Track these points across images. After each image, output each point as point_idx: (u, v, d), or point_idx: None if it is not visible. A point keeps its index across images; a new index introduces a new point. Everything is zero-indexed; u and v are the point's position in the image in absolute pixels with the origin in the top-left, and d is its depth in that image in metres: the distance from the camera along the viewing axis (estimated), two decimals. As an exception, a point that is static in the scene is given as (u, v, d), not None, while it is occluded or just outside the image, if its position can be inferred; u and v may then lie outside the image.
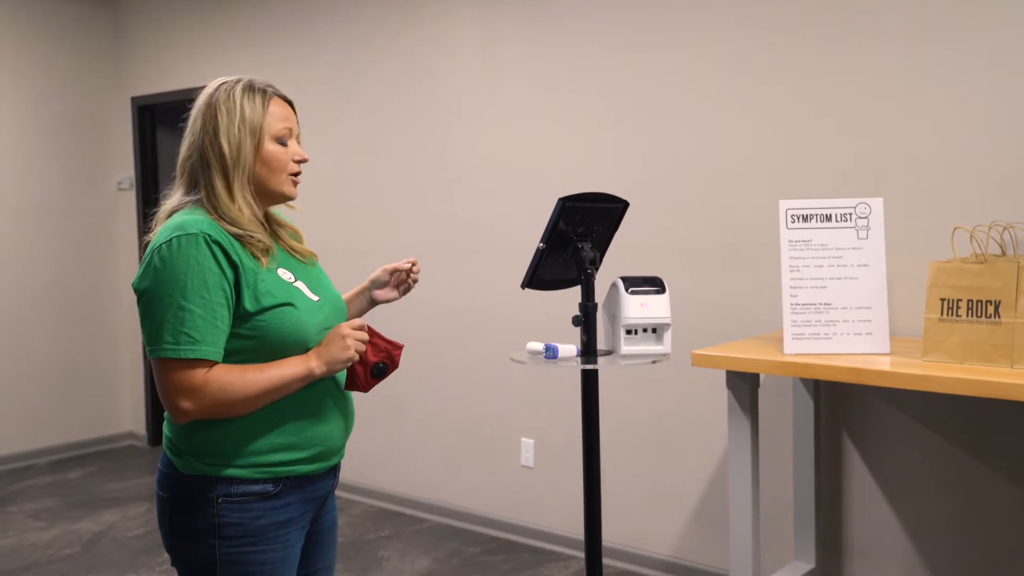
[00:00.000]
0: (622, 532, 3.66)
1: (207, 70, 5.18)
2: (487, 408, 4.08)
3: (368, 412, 4.56)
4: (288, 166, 1.75)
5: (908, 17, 2.87)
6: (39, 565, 3.85)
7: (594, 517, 2.17)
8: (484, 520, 4.11)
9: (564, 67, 3.70)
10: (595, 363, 2.16)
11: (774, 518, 3.24)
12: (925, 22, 2.84)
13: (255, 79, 1.80)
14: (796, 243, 2.62)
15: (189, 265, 1.60)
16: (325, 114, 4.61)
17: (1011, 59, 2.71)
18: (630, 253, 3.53)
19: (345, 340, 1.69)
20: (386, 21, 4.30)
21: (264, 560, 1.71)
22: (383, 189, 4.41)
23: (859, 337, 2.58)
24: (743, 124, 3.24)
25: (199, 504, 1.69)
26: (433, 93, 4.16)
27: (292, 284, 1.76)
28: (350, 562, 3.79)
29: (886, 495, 3.01)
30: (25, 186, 5.42)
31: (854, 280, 2.60)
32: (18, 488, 4.99)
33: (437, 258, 4.20)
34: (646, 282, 2.21)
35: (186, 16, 5.31)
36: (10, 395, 5.39)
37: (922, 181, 2.88)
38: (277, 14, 4.78)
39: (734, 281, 3.29)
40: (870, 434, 3.02)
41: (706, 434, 3.40)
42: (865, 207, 2.61)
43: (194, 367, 1.61)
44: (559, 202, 2.11)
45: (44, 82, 5.48)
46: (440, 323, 4.21)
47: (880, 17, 2.92)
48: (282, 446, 1.71)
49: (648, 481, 3.58)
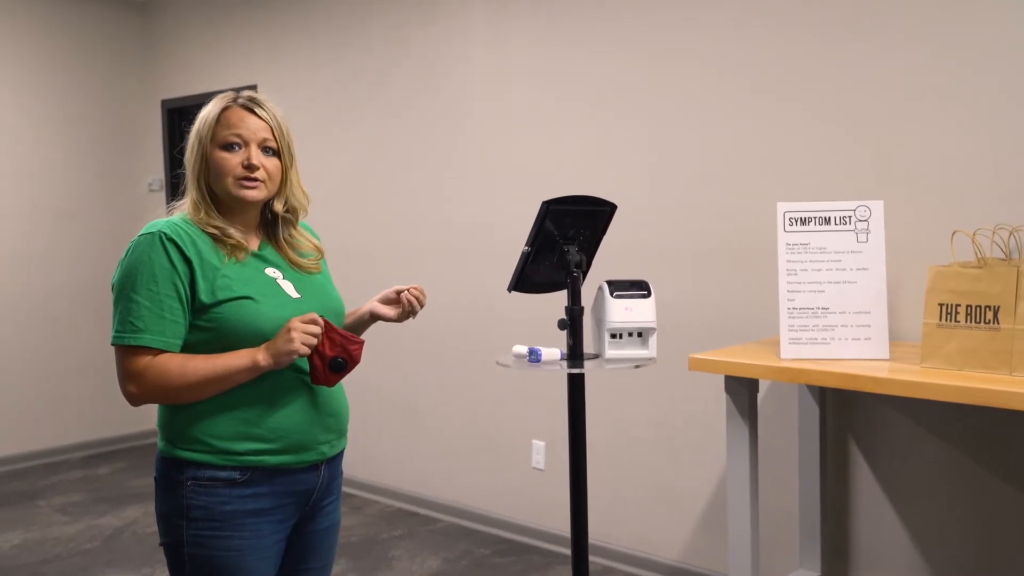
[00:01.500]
0: (629, 536, 3.64)
1: (233, 74, 5.27)
2: (499, 410, 4.09)
3: (384, 412, 4.60)
4: (233, 170, 1.81)
5: (909, 18, 2.82)
6: (60, 559, 3.94)
7: (580, 518, 2.17)
8: (495, 521, 4.11)
9: (570, 68, 3.69)
10: (581, 367, 2.16)
11: (779, 525, 3.20)
12: (927, 22, 2.79)
13: (242, 92, 1.86)
14: (794, 246, 2.58)
15: (142, 261, 1.72)
16: (346, 116, 4.66)
17: (1015, 60, 2.64)
18: (632, 255, 3.52)
19: (290, 333, 1.72)
20: (405, 24, 4.33)
21: (229, 546, 1.76)
22: (400, 191, 4.44)
23: (858, 342, 2.54)
24: (745, 126, 3.20)
25: (172, 485, 1.78)
26: (446, 95, 4.17)
27: (274, 280, 1.85)
28: (360, 561, 3.82)
29: (893, 502, 2.95)
30: (59, 187, 5.55)
31: (853, 284, 2.56)
32: (49, 483, 5.11)
33: (451, 259, 4.21)
34: (632, 286, 2.20)
35: (214, 22, 5.40)
36: (44, 391, 5.53)
37: (924, 183, 2.82)
38: (301, 20, 4.84)
39: (738, 284, 3.25)
40: (877, 440, 2.97)
41: (714, 438, 3.36)
42: (865, 210, 2.57)
43: (137, 354, 1.71)
44: (543, 205, 2.12)
45: (77, 86, 5.61)
46: (454, 325, 4.22)
47: (881, 18, 2.87)
48: (245, 435, 1.76)
49: (655, 485, 3.56)
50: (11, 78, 5.38)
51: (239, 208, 1.85)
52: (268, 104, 1.86)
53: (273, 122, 1.84)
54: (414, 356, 4.43)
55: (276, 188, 1.87)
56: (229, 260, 1.80)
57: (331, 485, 1.93)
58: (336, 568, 3.74)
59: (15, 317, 5.41)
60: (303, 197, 1.92)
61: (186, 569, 1.77)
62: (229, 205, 1.84)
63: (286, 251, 1.92)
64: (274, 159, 1.85)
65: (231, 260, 1.80)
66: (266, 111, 1.84)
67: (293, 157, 1.89)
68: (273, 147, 1.85)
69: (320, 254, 2.00)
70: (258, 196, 1.84)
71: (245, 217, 1.87)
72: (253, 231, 1.90)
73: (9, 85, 5.37)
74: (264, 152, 1.83)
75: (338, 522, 2.00)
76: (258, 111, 1.83)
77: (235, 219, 1.85)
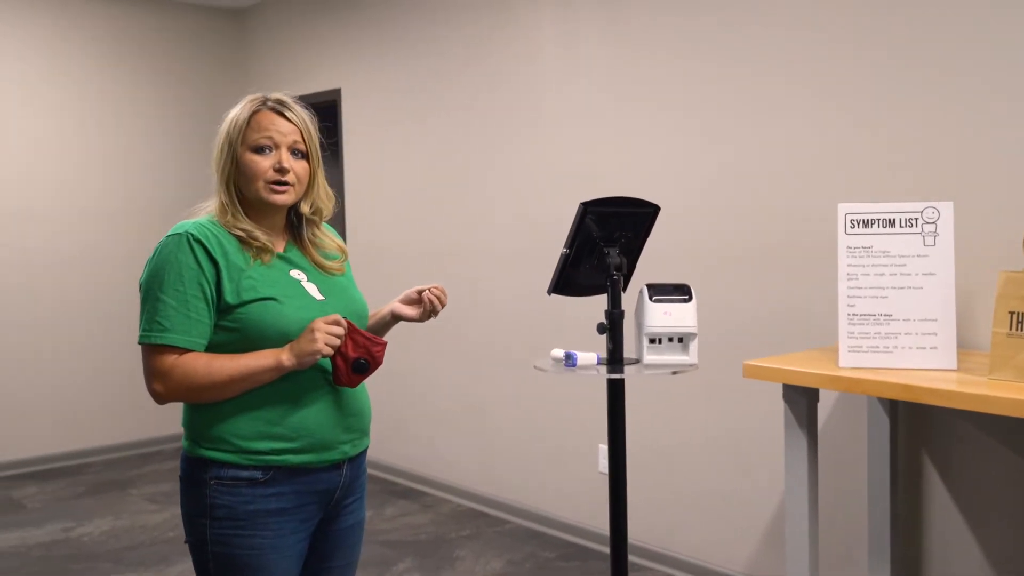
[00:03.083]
0: (696, 546, 3.55)
1: (317, 77, 5.40)
2: (566, 413, 4.05)
3: (455, 413, 4.62)
4: (264, 174, 1.82)
5: (979, 13, 2.65)
6: (143, 546, 4.11)
7: (619, 519, 2.12)
8: (562, 525, 4.08)
9: (634, 68, 3.62)
10: (619, 372, 2.11)
11: (848, 541, 3.06)
12: (1000, 18, 2.61)
13: (270, 94, 1.88)
14: (855, 249, 2.46)
15: (169, 262, 1.75)
16: (420, 118, 4.70)
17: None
18: (691, 259, 3.45)
19: (314, 333, 1.73)
20: (477, 23, 4.34)
21: (252, 545, 1.78)
22: (473, 191, 4.45)
23: (923, 351, 2.40)
24: (805, 124, 3.08)
25: (196, 484, 1.80)
26: (516, 96, 4.16)
27: (299, 282, 1.87)
28: (425, 559, 3.85)
29: (969, 522, 2.79)
30: (157, 189, 5.79)
31: (919, 290, 2.42)
32: (142, 472, 5.34)
33: (521, 260, 4.20)
34: (674, 290, 2.14)
35: (301, 30, 5.54)
36: (142, 384, 5.76)
37: (996, 185, 2.64)
38: (379, 27, 4.91)
39: (801, 288, 3.13)
40: (953, 456, 2.81)
41: (781, 447, 3.25)
42: (933, 211, 2.43)
43: (163, 352, 1.74)
44: (580, 206, 2.08)
45: (175, 90, 5.86)
46: (522, 328, 4.21)
47: (951, 12, 2.71)
48: (267, 434, 1.78)
49: (722, 494, 3.46)
50: (113, 85, 5.64)
51: (267, 211, 1.87)
52: (296, 107, 1.87)
53: (302, 125, 1.86)
54: (483, 359, 4.44)
55: (304, 191, 1.89)
56: (255, 262, 1.82)
57: (354, 484, 1.94)
58: (401, 565, 3.79)
59: (119, 310, 5.65)
60: (328, 199, 1.94)
61: (210, 567, 1.80)
62: (257, 207, 1.87)
63: (311, 252, 1.93)
64: (303, 162, 1.87)
65: (256, 262, 1.82)
66: (295, 114, 1.86)
67: (320, 159, 1.91)
68: (302, 149, 1.87)
69: (344, 255, 2.01)
70: (288, 200, 1.86)
71: (272, 220, 1.90)
72: (279, 233, 1.92)
73: (112, 92, 5.64)
74: (294, 155, 1.85)
75: (362, 520, 2.01)
76: (288, 114, 1.85)
77: (262, 221, 1.88)
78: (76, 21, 5.52)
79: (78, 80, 5.54)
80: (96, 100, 5.60)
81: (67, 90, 5.50)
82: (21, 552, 4.05)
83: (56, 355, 5.51)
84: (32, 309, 5.43)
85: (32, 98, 5.38)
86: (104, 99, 5.63)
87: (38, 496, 4.89)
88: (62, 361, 5.53)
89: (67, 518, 4.50)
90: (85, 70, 5.56)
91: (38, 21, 5.39)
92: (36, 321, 5.45)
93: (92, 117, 5.59)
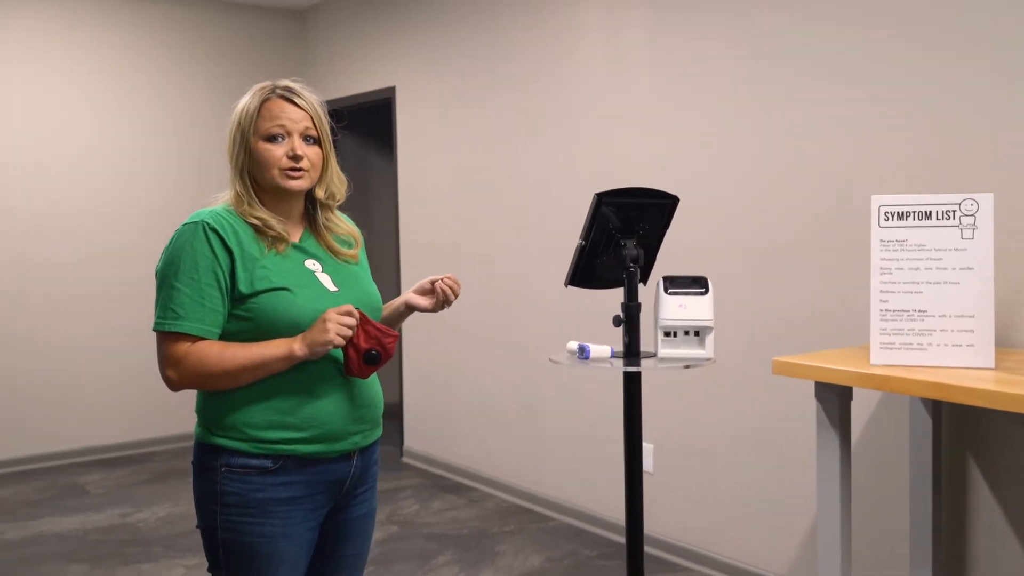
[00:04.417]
0: (737, 548, 3.48)
1: (373, 74, 5.47)
2: (609, 411, 4.02)
3: (504, 410, 4.63)
4: (278, 162, 1.84)
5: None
6: (195, 533, 4.20)
7: (635, 514, 2.10)
8: (604, 523, 4.04)
9: (679, 61, 3.57)
10: (635, 365, 2.09)
11: (888, 546, 2.97)
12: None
13: (279, 81, 1.90)
14: (888, 243, 2.39)
15: (184, 250, 1.77)
16: (470, 116, 4.73)
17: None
18: (724, 253, 3.39)
19: (326, 323, 1.74)
20: (524, 20, 4.34)
21: (261, 532, 1.80)
22: (524, 186, 4.45)
23: (959, 349, 2.31)
24: (840, 116, 2.98)
25: (207, 471, 1.83)
26: (559, 88, 4.15)
27: (313, 273, 1.87)
28: (466, 553, 3.86)
29: (1016, 530, 2.67)
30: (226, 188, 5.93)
31: (955, 285, 2.33)
32: (202, 462, 5.48)
33: (570, 257, 4.17)
34: (692, 282, 2.11)
35: (360, 29, 5.62)
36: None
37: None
38: (433, 26, 4.95)
39: (837, 284, 3.04)
40: (1000, 460, 2.70)
41: (823, 448, 3.16)
42: (972, 204, 2.33)
43: (177, 340, 1.77)
44: (595, 198, 2.06)
45: (237, 90, 5.98)
46: (573, 325, 4.19)
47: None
48: (278, 424, 1.80)
49: (763, 495, 3.39)
50: (180, 86, 5.81)
51: (284, 197, 1.89)
52: (305, 92, 1.89)
53: (312, 111, 1.88)
54: (534, 356, 4.43)
55: (318, 176, 1.91)
56: (269, 251, 1.84)
57: (365, 474, 1.95)
58: (441, 558, 3.81)
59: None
60: (340, 182, 1.95)
61: (220, 553, 1.82)
62: (273, 195, 1.89)
63: (326, 239, 1.94)
64: (315, 147, 1.89)
65: (271, 252, 1.84)
66: (305, 100, 1.88)
67: (331, 144, 1.92)
68: (314, 135, 1.89)
69: (358, 243, 2.02)
70: (303, 186, 1.88)
71: (288, 207, 1.91)
72: (296, 221, 1.94)
73: (178, 92, 5.81)
74: (306, 141, 1.87)
75: (373, 511, 2.02)
76: (298, 100, 1.87)
77: (279, 209, 1.90)
78: (135, 23, 5.70)
79: (140, 84, 5.72)
80: (158, 103, 5.77)
81: (137, 92, 5.68)
82: (79, 535, 4.20)
83: (128, 348, 5.69)
84: (104, 305, 5.63)
85: (102, 103, 5.58)
86: (165, 102, 5.79)
87: (102, 483, 5.07)
88: (134, 354, 5.70)
89: (127, 504, 4.66)
90: (149, 75, 5.74)
91: (107, 26, 5.58)
92: (110, 317, 5.65)
93: (157, 119, 5.76)
